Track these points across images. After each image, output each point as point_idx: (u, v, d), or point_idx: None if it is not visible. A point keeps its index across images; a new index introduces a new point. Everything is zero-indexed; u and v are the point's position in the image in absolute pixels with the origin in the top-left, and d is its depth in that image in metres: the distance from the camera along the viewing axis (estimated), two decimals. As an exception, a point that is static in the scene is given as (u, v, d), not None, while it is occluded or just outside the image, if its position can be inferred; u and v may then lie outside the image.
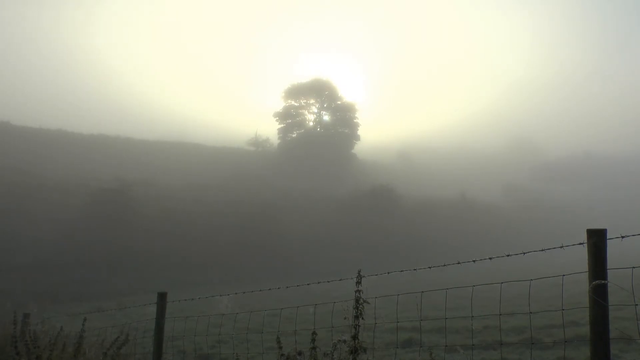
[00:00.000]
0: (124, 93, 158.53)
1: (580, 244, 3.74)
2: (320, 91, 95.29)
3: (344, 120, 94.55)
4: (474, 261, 4.66)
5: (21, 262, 37.64)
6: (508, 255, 4.39)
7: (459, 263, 4.89)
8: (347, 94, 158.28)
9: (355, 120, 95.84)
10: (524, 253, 4.27)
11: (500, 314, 4.49)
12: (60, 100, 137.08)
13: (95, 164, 64.22)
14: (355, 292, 4.31)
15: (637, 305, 3.51)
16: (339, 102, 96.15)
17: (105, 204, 48.97)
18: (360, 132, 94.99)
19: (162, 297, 6.56)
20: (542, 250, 4.30)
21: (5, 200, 43.78)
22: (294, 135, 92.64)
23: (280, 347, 4.51)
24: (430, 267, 5.05)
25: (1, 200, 42.83)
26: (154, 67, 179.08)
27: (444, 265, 5.14)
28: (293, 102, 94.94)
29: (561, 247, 4.02)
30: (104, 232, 45.18)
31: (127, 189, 52.53)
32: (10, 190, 46.32)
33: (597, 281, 3.35)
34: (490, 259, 4.56)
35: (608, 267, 3.39)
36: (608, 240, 3.47)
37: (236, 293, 6.26)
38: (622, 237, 3.62)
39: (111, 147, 74.24)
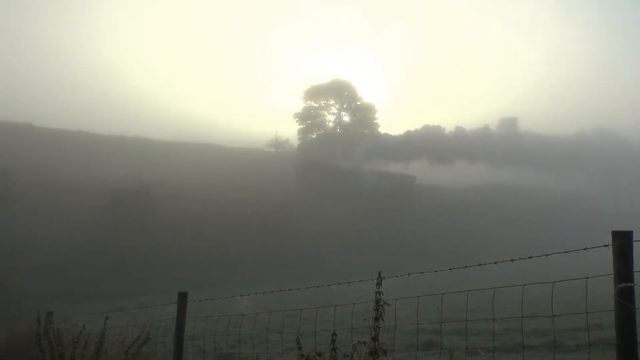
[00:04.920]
0: (144, 95, 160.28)
1: (604, 245, 3.67)
2: (340, 92, 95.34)
3: (363, 121, 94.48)
4: (495, 263, 4.60)
5: (43, 262, 38.22)
6: (530, 258, 4.33)
7: (480, 265, 4.84)
8: (366, 94, 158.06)
9: (375, 121, 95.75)
10: (547, 255, 4.20)
11: (522, 317, 4.44)
12: (80, 102, 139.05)
13: (115, 165, 64.92)
14: (376, 293, 4.29)
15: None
16: (358, 103, 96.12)
17: (125, 204, 49.54)
18: (380, 132, 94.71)
19: (182, 297, 6.60)
20: (565, 252, 4.23)
21: (26, 201, 44.49)
22: (313, 136, 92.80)
23: (300, 348, 4.50)
24: (450, 269, 5.01)
25: (23, 200, 43.52)
26: (173, 69, 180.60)
27: (465, 267, 5.09)
28: (313, 103, 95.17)
29: (585, 249, 3.95)
30: (123, 232, 45.70)
31: (146, 190, 53.07)
32: (32, 190, 47.07)
33: (623, 284, 3.28)
34: (512, 260, 4.50)
35: (635, 270, 3.33)
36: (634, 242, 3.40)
37: (256, 293, 6.29)
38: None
39: (130, 148, 74.98)
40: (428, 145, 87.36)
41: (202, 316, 7.04)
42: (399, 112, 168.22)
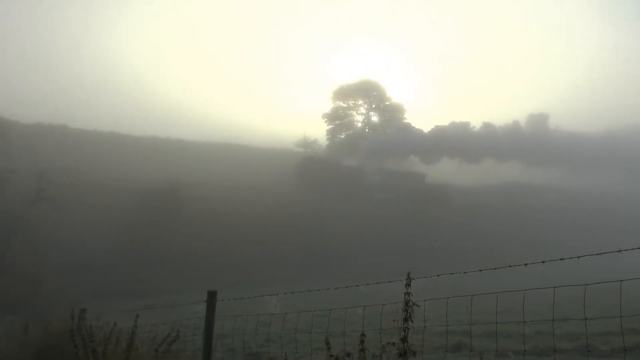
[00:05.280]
0: (175, 97, 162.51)
1: (639, 248, 3.60)
2: (368, 92, 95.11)
3: (392, 121, 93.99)
4: (525, 265, 4.55)
5: (77, 260, 39.03)
6: (561, 259, 4.27)
7: (510, 266, 4.79)
8: (394, 91, 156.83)
9: (404, 121, 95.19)
10: (579, 257, 4.14)
11: (554, 319, 4.38)
12: (113, 104, 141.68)
13: (146, 165, 65.90)
14: (405, 294, 4.27)
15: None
16: (387, 103, 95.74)
17: (156, 204, 50.24)
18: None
19: (212, 296, 6.66)
20: (598, 254, 4.17)
21: (61, 200, 45.42)
22: (342, 137, 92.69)
23: (329, 348, 4.51)
24: (480, 270, 4.97)
25: (58, 200, 44.43)
26: (202, 71, 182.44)
27: (494, 269, 5.04)
28: (341, 104, 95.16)
29: (619, 251, 3.88)
30: (154, 232, 46.36)
31: (177, 190, 53.71)
32: (67, 190, 48.06)
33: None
34: (542, 262, 4.44)
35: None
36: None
37: (285, 293, 6.33)
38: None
39: (162, 149, 75.97)
40: (455, 142, 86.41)
41: (231, 315, 7.10)
42: (427, 108, 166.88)
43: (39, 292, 30.67)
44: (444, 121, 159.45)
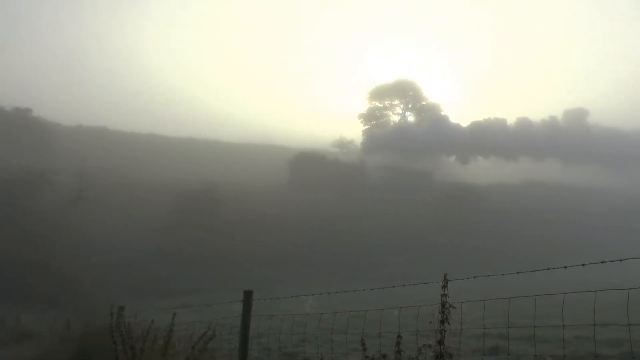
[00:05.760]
0: (211, 99, 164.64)
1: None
2: (404, 92, 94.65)
3: (429, 120, 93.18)
4: (565, 267, 4.48)
5: (116, 258, 39.85)
6: (602, 262, 4.19)
7: (548, 269, 4.71)
8: (429, 88, 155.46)
9: (441, 113, 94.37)
10: (621, 260, 4.06)
11: (595, 324, 4.29)
12: (150, 106, 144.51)
13: (183, 166, 66.90)
14: (441, 296, 4.25)
15: None
16: (423, 103, 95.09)
17: (193, 204, 50.94)
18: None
19: (248, 295, 6.73)
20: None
21: (101, 200, 46.49)
22: (378, 135, 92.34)
23: (365, 349, 4.51)
24: (518, 273, 4.90)
25: (98, 200, 45.50)
26: (238, 74, 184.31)
27: (533, 271, 4.97)
28: (377, 104, 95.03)
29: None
30: (191, 231, 47.00)
31: (214, 190, 54.35)
32: (106, 190, 49.17)
33: None
34: (582, 265, 4.36)
35: None
36: None
37: (321, 293, 6.36)
38: None
39: (199, 150, 76.96)
40: (491, 139, 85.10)
41: (267, 315, 7.16)
42: (463, 106, 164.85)
43: (79, 290, 31.43)
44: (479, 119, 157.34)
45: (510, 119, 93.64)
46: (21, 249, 35.65)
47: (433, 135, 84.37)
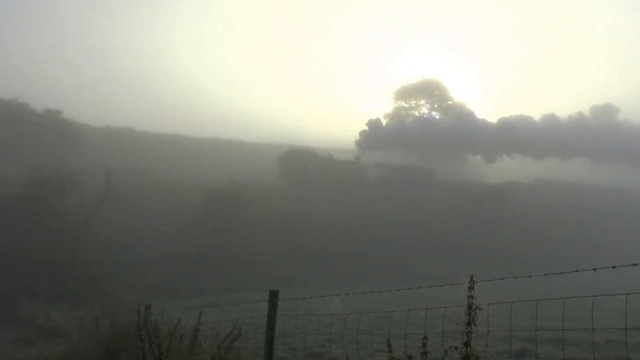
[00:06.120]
0: (235, 100, 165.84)
1: None
2: (430, 92, 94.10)
3: (455, 118, 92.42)
4: (594, 269, 4.42)
5: (143, 257, 40.36)
6: (634, 265, 4.12)
7: (577, 271, 4.64)
8: (458, 92, 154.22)
9: (467, 108, 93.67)
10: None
11: (626, 328, 4.21)
12: (176, 107, 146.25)
13: (209, 166, 67.47)
14: (468, 297, 4.23)
15: None
16: (449, 102, 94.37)
17: (219, 203, 51.31)
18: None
19: (273, 295, 6.77)
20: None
21: (128, 200, 47.09)
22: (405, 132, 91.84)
23: (391, 350, 4.50)
24: (545, 275, 4.85)
25: (125, 199, 46.06)
26: (262, 74, 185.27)
27: (561, 273, 4.91)
28: (403, 104, 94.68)
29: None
30: (217, 231, 47.36)
31: (240, 190, 54.65)
32: (133, 190, 49.81)
33: None
34: (613, 267, 4.29)
35: None
36: None
37: (347, 294, 6.37)
38: None
39: (224, 150, 77.52)
40: (518, 136, 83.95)
41: (292, 314, 7.18)
42: (489, 105, 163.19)
43: (107, 288, 31.92)
44: (502, 111, 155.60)
45: (537, 116, 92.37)
46: (52, 248, 36.33)
47: (458, 132, 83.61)
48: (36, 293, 27.87)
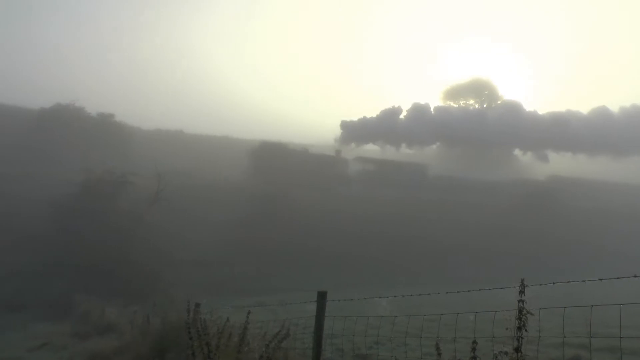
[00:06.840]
0: (283, 102, 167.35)
1: None
2: (479, 91, 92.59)
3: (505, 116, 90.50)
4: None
5: (193, 257, 41.13)
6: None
7: (635, 277, 4.53)
8: (507, 91, 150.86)
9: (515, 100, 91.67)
10: None
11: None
12: (225, 110, 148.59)
13: (257, 168, 68.13)
14: (519, 302, 4.17)
15: None
16: (499, 102, 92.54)
17: (268, 204, 51.82)
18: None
19: (322, 296, 6.81)
20: None
21: (178, 201, 48.02)
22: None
23: (439, 354, 4.48)
24: (601, 280, 4.74)
25: (176, 200, 46.93)
26: (310, 76, 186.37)
27: (617, 279, 4.79)
28: (452, 103, 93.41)
29: None
30: (266, 231, 47.81)
31: (289, 191, 55.05)
32: (183, 191, 50.78)
33: None
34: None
35: None
36: None
37: (395, 296, 6.34)
38: None
39: (272, 152, 78.01)
40: (567, 132, 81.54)
41: (340, 316, 7.21)
42: (538, 101, 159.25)
43: (158, 286, 32.65)
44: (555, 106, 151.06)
45: (587, 110, 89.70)
46: (106, 247, 37.47)
47: (507, 127, 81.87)
48: (92, 290, 28.80)
